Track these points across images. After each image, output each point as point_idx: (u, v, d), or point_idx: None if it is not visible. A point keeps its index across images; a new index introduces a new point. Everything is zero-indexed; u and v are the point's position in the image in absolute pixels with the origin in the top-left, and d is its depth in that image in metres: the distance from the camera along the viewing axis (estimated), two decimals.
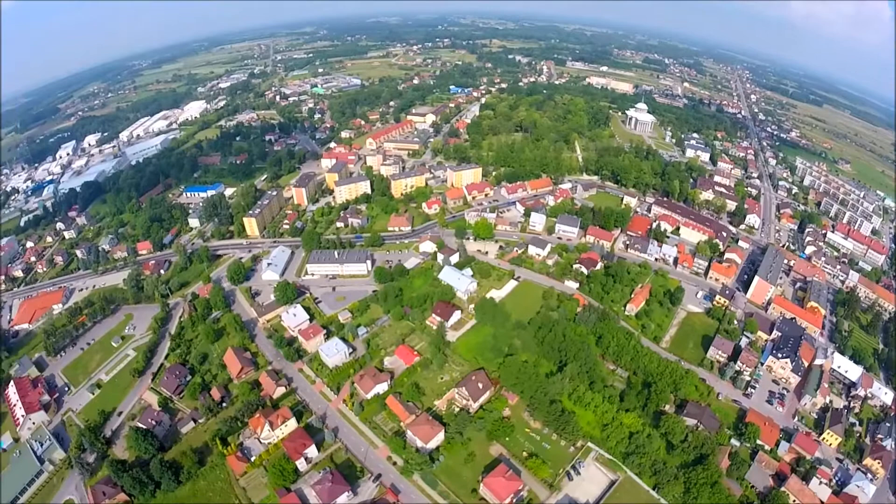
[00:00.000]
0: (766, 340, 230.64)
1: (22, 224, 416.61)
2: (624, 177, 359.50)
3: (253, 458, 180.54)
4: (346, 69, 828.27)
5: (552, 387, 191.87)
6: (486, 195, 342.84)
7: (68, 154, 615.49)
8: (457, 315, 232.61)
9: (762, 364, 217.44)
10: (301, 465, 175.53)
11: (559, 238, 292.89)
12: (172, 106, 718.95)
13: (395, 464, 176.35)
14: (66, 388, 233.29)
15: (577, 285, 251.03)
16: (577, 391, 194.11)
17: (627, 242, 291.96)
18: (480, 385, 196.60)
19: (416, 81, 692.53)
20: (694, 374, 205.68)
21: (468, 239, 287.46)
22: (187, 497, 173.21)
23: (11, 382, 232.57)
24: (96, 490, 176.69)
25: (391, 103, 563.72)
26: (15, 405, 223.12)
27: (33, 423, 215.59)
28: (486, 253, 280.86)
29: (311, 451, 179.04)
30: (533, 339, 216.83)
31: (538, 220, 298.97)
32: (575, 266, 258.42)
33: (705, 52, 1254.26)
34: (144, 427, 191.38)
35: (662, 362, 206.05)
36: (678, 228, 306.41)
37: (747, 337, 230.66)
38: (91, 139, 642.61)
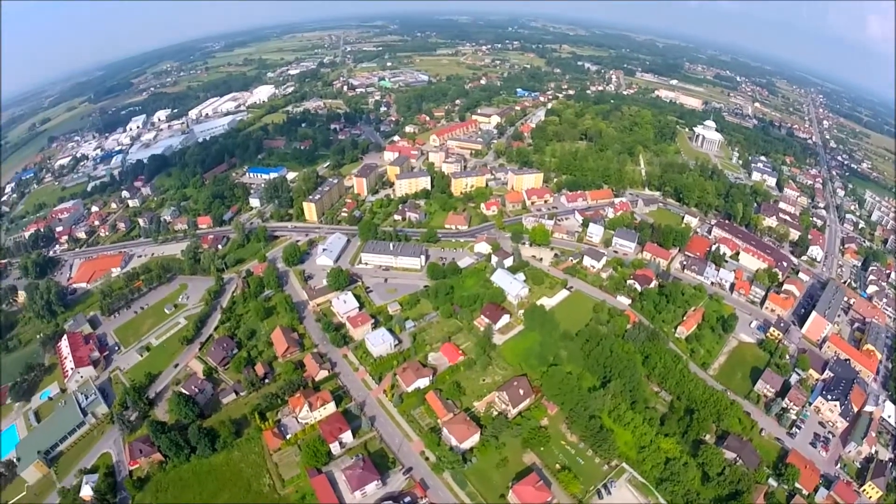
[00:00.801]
0: (816, 380, 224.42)
1: (89, 189, 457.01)
2: (686, 195, 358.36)
3: (288, 436, 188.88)
4: (415, 65, 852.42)
5: (593, 402, 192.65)
6: (545, 201, 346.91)
7: (138, 127, 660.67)
8: (505, 319, 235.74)
9: (810, 404, 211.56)
10: (335, 448, 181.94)
11: (615, 252, 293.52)
12: (242, 88, 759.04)
13: (427, 459, 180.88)
14: (117, 348, 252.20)
15: (630, 302, 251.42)
16: (618, 409, 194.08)
17: (684, 263, 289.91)
18: (521, 391, 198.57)
19: (483, 82, 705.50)
20: (739, 406, 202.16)
21: (524, 244, 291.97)
22: (220, 465, 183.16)
23: (65, 336, 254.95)
24: (133, 447, 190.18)
25: (457, 102, 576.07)
26: (66, 358, 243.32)
27: (81, 377, 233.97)
28: (541, 260, 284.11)
29: (347, 436, 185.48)
30: (579, 351, 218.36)
31: (596, 232, 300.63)
32: (629, 282, 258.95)
33: (778, 71, 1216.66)
34: (187, 393, 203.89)
35: (708, 390, 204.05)
36: (738, 253, 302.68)
37: (798, 374, 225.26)
38: (161, 114, 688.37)
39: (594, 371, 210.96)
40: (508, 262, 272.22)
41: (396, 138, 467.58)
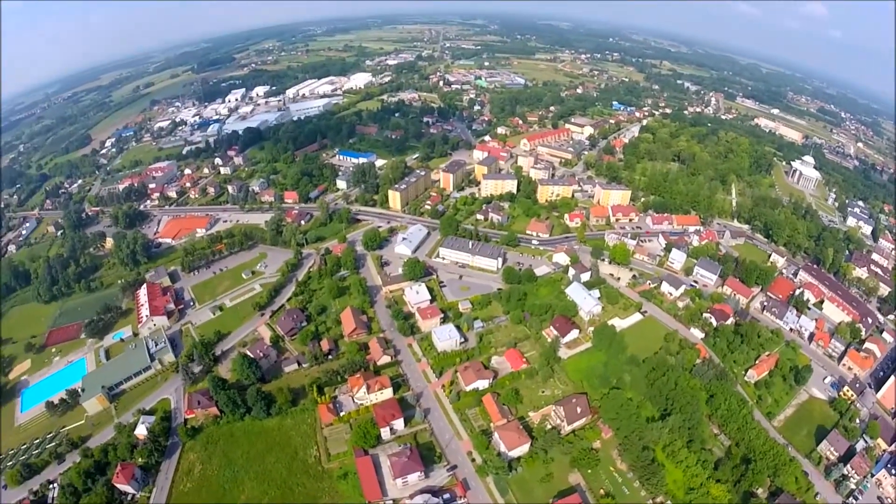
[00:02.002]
0: (884, 451, 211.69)
1: (184, 152, 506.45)
2: (776, 232, 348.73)
3: (342, 413, 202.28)
4: (512, 67, 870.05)
5: (649, 433, 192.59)
6: (630, 220, 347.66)
7: (237, 100, 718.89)
8: (574, 333, 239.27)
9: (872, 475, 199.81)
10: (385, 433, 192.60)
11: (695, 282, 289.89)
12: (339, 73, 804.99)
13: (473, 460, 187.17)
14: (191, 304, 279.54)
15: (703, 336, 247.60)
16: (674, 445, 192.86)
17: (765, 304, 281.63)
18: (579, 409, 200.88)
19: (579, 91, 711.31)
20: (798, 465, 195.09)
21: (603, 260, 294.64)
22: (272, 429, 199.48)
23: (144, 285, 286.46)
24: (192, 397, 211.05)
25: (551, 108, 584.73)
26: (142, 305, 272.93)
27: (154, 325, 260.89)
28: (619, 279, 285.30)
29: (399, 423, 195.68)
30: (644, 378, 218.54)
31: (678, 258, 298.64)
32: (705, 315, 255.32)
33: (885, 112, 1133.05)
34: (252, 356, 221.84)
35: (769, 441, 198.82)
36: (822, 301, 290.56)
37: (865, 441, 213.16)
38: (259, 90, 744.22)
39: (655, 401, 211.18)
40: (585, 276, 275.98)
41: (487, 138, 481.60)
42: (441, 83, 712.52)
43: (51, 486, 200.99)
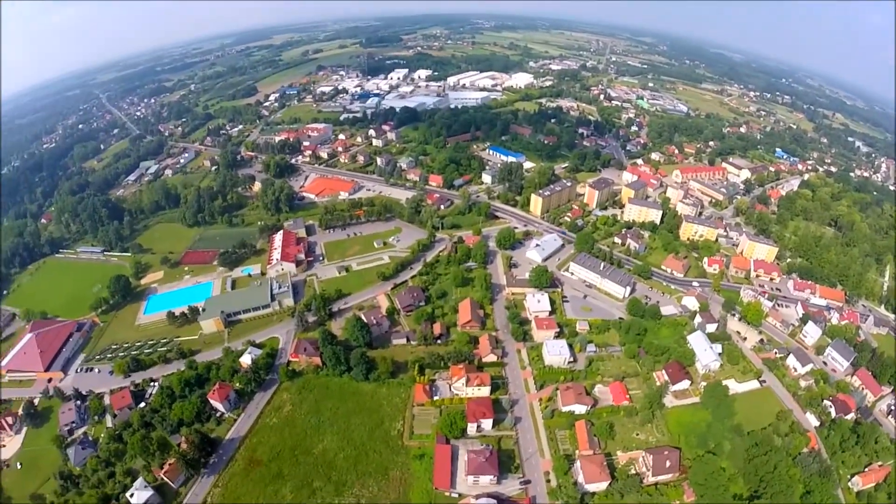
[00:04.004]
0: None
1: (341, 119, 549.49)
2: None
3: (436, 398, 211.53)
4: (676, 92, 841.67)
5: None
6: (771, 279, 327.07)
7: (398, 78, 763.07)
8: (685, 384, 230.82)
9: None
10: (471, 429, 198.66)
11: (824, 363, 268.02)
12: (501, 70, 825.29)
13: (548, 482, 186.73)
14: (321, 258, 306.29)
15: (817, 424, 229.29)
16: None
17: (893, 407, 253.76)
18: (668, 463, 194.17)
19: (742, 130, 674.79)
20: None
21: (733, 315, 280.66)
22: (365, 393, 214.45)
23: (281, 232, 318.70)
24: (300, 343, 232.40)
25: (710, 143, 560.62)
26: (275, 249, 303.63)
27: (282, 269, 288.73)
28: (745, 339, 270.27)
29: (487, 423, 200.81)
30: (743, 451, 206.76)
31: (812, 333, 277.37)
32: (825, 402, 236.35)
33: None
34: (365, 321, 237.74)
35: None
36: None
37: None
38: (422, 73, 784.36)
39: (748, 479, 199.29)
40: (711, 327, 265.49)
41: (640, 162, 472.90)
42: (602, 97, 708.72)
43: (152, 383, 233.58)
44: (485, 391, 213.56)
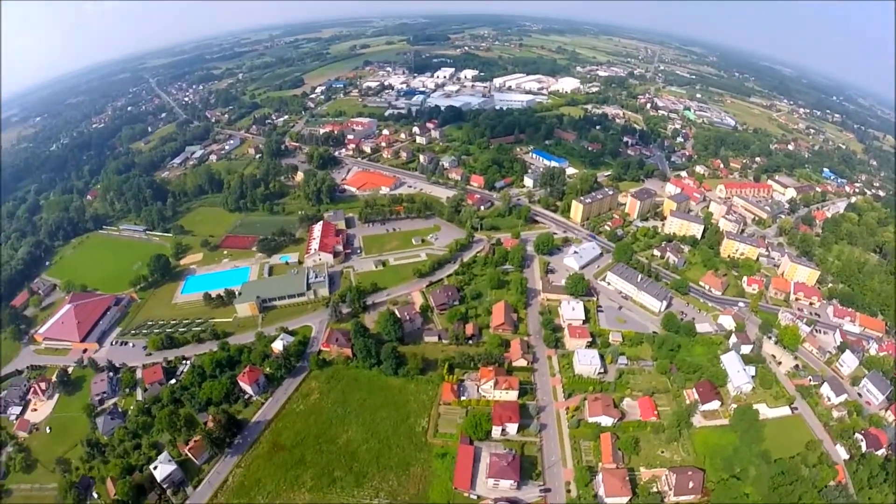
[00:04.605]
0: None
1: (385, 115, 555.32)
2: None
3: (463, 398, 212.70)
4: (724, 104, 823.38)
5: None
6: (810, 303, 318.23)
7: (444, 77, 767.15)
8: (714, 404, 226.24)
9: None
10: (496, 432, 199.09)
11: (859, 394, 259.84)
12: (548, 73, 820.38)
13: (568, 492, 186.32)
14: (358, 251, 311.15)
15: (847, 457, 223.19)
16: None
17: None
18: (691, 484, 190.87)
19: (790, 147, 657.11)
20: None
21: (770, 338, 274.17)
22: (393, 388, 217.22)
23: (321, 222, 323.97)
24: (333, 334, 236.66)
25: (757, 159, 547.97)
26: (314, 239, 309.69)
27: (319, 259, 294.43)
28: (780, 364, 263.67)
29: (512, 428, 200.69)
30: (769, 479, 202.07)
31: (849, 363, 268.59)
32: (857, 435, 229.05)
33: None
34: (399, 316, 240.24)
35: None
36: None
37: None
38: (468, 73, 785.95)
39: None
40: (746, 349, 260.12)
41: (684, 174, 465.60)
42: (648, 105, 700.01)
43: (184, 361, 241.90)
44: (512, 395, 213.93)
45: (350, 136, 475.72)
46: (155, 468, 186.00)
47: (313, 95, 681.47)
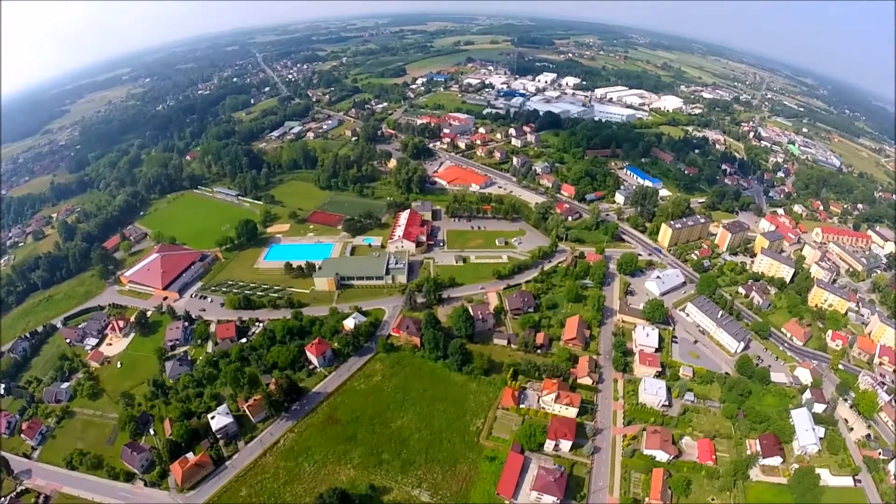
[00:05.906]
0: None
1: (483, 113, 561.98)
2: None
3: (522, 406, 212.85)
4: (831, 143, 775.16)
5: None
6: (894, 370, 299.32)
7: (546, 82, 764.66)
8: (776, 460, 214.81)
9: None
10: (548, 446, 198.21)
11: None
12: (651, 89, 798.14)
13: None
14: (441, 244, 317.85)
15: None
16: None
17: None
18: None
19: (895, 198, 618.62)
20: None
21: (845, 401, 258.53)
22: (454, 384, 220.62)
23: (408, 211, 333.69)
24: (405, 321, 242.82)
25: (859, 206, 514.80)
26: (399, 226, 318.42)
27: (402, 246, 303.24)
28: (851, 430, 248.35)
29: (565, 445, 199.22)
30: None
31: None
32: None
33: None
34: (472, 314, 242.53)
35: None
36: None
37: None
38: (570, 80, 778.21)
39: None
40: (818, 408, 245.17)
41: (780, 211, 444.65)
42: (752, 134, 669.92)
43: (257, 323, 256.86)
44: (572, 412, 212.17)
45: (446, 130, 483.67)
46: (212, 418, 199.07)
47: (414, 86, 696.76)
